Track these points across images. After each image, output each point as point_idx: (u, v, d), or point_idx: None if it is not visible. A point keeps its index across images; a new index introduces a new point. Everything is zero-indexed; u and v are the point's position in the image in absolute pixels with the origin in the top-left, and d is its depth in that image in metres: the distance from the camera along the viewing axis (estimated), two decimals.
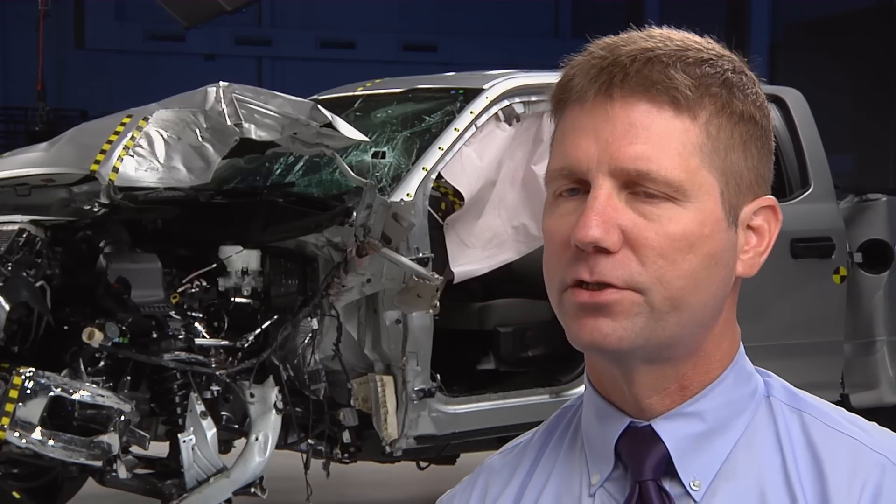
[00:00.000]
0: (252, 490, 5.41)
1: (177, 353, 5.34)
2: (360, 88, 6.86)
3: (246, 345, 5.47)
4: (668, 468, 1.35)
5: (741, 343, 1.41)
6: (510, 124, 6.13)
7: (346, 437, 5.70)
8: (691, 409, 1.35)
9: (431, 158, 5.94)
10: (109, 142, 5.30)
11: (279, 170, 6.47)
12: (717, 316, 1.36)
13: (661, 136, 1.31)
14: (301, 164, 6.40)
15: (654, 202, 1.30)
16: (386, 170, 6.04)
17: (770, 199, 1.38)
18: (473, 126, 6.07)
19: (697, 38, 1.36)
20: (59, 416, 5.09)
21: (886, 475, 1.32)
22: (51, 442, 5.03)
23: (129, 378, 5.30)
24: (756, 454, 1.36)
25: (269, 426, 5.41)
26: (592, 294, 1.30)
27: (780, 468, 1.35)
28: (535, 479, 1.43)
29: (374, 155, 6.14)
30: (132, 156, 5.26)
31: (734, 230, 1.35)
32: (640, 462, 1.35)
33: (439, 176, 5.97)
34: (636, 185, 1.30)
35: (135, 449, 5.35)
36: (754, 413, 1.38)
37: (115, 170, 5.22)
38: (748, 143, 1.35)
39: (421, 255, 5.71)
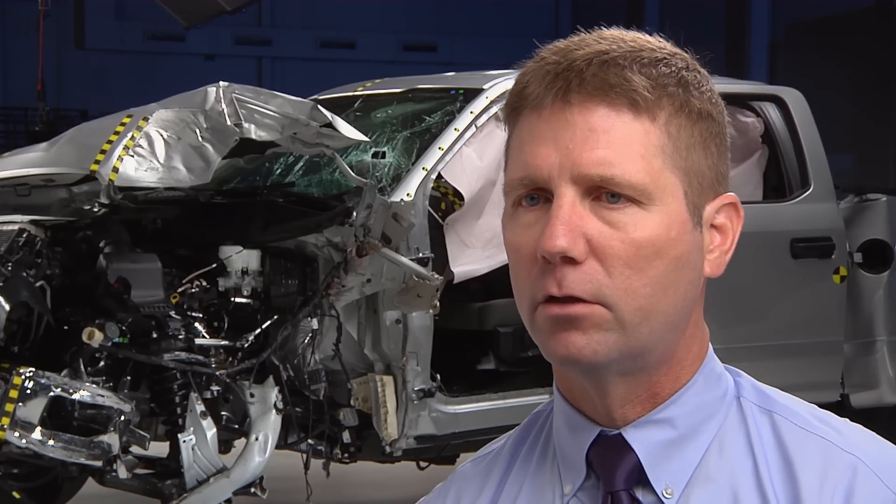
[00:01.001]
0: (252, 490, 5.41)
1: (177, 353, 5.34)
2: (360, 88, 6.86)
3: (246, 345, 5.47)
4: (640, 477, 1.34)
5: (710, 344, 1.39)
6: None
7: (346, 437, 5.70)
8: (661, 416, 1.34)
9: (431, 158, 5.94)
10: (109, 142, 5.30)
11: (279, 170, 6.47)
12: (687, 319, 1.34)
13: (622, 140, 1.29)
14: (301, 164, 6.40)
15: (618, 208, 1.29)
16: (386, 170, 6.04)
17: (731, 196, 1.37)
18: (473, 126, 6.07)
19: (649, 38, 1.35)
20: (59, 416, 5.09)
21: (858, 476, 1.31)
22: (51, 442, 5.03)
23: (129, 378, 5.30)
24: (728, 458, 1.34)
25: (269, 426, 5.41)
26: (563, 306, 1.28)
27: (751, 471, 1.33)
28: (508, 488, 1.42)
29: (374, 155, 6.14)
30: (132, 156, 5.26)
31: (699, 230, 1.33)
32: (611, 472, 1.34)
33: (439, 176, 5.97)
34: (599, 191, 1.29)
35: (135, 449, 5.35)
36: (725, 416, 1.36)
37: (115, 170, 5.22)
38: (707, 142, 1.34)
39: (421, 255, 5.71)
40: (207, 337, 5.48)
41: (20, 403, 4.99)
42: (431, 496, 1.48)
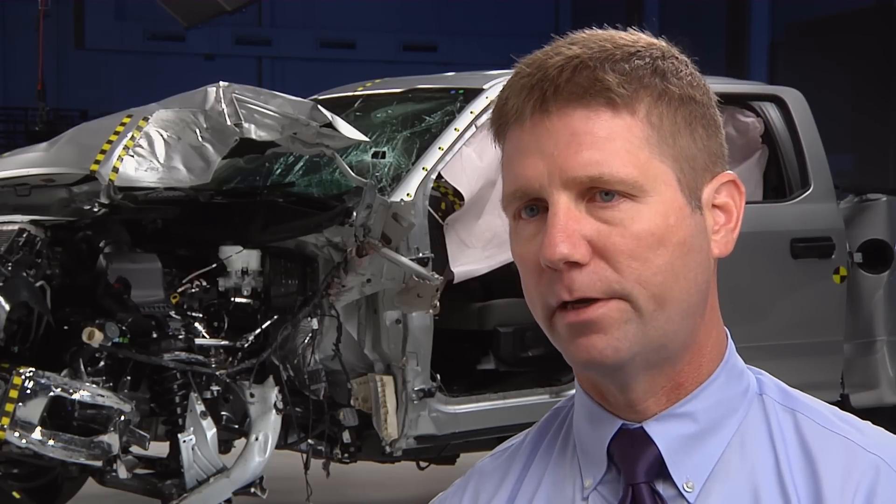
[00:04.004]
0: (252, 490, 5.41)
1: (177, 353, 5.34)
2: (360, 88, 6.86)
3: (246, 345, 5.47)
4: (660, 470, 1.35)
5: (731, 341, 1.40)
6: None
7: (346, 437, 5.70)
8: (683, 410, 1.35)
9: (431, 158, 5.94)
10: (109, 142, 5.30)
11: (279, 170, 6.47)
12: (703, 303, 1.35)
13: (605, 139, 1.30)
14: (301, 164, 6.40)
15: (613, 205, 1.30)
16: (386, 170, 6.03)
17: (729, 174, 1.38)
18: (473, 126, 6.07)
19: (622, 34, 1.36)
20: (59, 416, 5.09)
21: (881, 476, 1.32)
22: (51, 442, 5.03)
23: (129, 378, 5.30)
24: (749, 454, 1.35)
25: (269, 426, 5.41)
26: (579, 312, 1.30)
27: (773, 468, 1.34)
28: (527, 482, 1.43)
29: (374, 155, 6.14)
30: (132, 156, 5.26)
31: (699, 213, 1.34)
32: (632, 464, 1.35)
33: (439, 176, 5.97)
34: (592, 192, 1.30)
35: (135, 449, 5.35)
36: (747, 412, 1.37)
37: (115, 170, 5.21)
38: (693, 125, 1.35)
39: (421, 255, 5.71)
40: (207, 337, 5.48)
41: (20, 403, 4.99)
42: (449, 492, 1.48)
